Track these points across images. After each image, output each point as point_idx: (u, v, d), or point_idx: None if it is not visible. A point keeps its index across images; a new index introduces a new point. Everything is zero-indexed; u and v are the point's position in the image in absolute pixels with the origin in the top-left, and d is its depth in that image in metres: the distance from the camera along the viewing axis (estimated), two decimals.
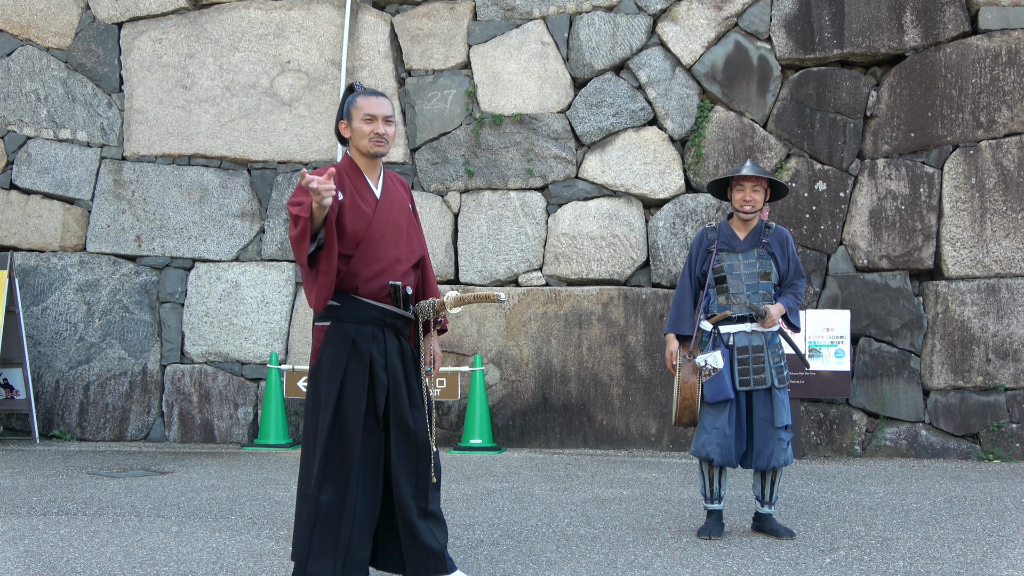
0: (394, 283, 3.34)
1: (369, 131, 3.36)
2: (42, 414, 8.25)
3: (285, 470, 6.52)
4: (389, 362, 3.33)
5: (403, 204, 3.51)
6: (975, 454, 7.29)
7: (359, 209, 3.32)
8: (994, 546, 4.32)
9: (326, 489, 3.20)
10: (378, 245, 3.33)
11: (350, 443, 3.22)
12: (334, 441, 3.22)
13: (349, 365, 3.26)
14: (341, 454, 3.22)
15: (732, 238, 4.62)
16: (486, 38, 8.20)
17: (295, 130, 8.33)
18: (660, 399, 7.65)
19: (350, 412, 3.24)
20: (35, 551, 4.13)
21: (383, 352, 3.32)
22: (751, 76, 7.84)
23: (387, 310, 3.35)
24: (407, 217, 3.50)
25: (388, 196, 3.45)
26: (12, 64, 8.63)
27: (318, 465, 3.20)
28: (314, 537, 3.18)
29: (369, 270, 3.31)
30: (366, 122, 3.37)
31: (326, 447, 3.20)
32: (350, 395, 3.25)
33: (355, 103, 3.39)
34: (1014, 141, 7.49)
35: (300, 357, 8.12)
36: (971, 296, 7.41)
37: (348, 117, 3.40)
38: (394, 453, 3.31)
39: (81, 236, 8.47)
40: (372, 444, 3.28)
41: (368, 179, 3.41)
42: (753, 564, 3.97)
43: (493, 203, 8.07)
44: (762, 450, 4.42)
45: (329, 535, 3.18)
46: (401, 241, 3.42)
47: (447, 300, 3.40)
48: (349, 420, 3.23)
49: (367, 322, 3.31)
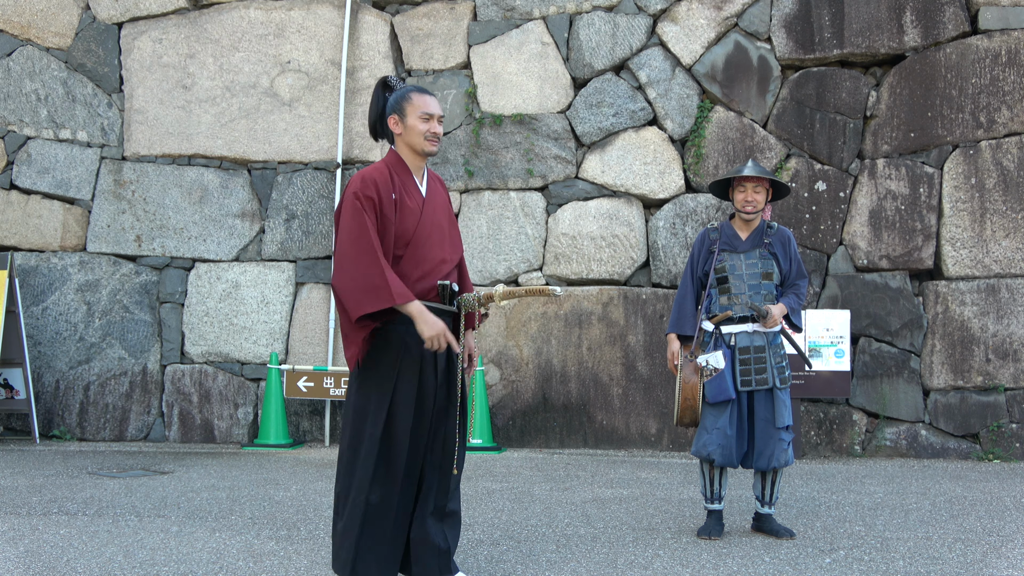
0: (442, 282, 3.32)
1: (425, 129, 3.31)
2: (42, 414, 8.25)
3: (285, 470, 6.52)
4: (438, 361, 3.33)
5: (445, 204, 3.48)
6: (975, 454, 7.29)
7: (408, 208, 3.28)
8: (994, 546, 4.32)
9: (375, 489, 3.20)
10: (425, 246, 3.30)
11: (400, 445, 3.23)
12: (385, 443, 3.22)
13: (402, 368, 3.24)
14: (390, 455, 3.22)
15: (734, 238, 4.61)
16: (486, 38, 8.20)
17: (295, 130, 8.32)
18: (660, 399, 7.65)
19: (400, 414, 3.24)
20: (35, 551, 4.13)
21: (433, 351, 3.30)
22: (751, 76, 7.84)
23: (435, 308, 3.31)
24: (449, 217, 3.47)
25: (432, 196, 3.41)
26: (12, 64, 8.63)
27: (371, 466, 3.19)
28: (362, 538, 3.18)
29: (418, 271, 3.27)
30: (423, 120, 3.32)
31: (379, 449, 3.20)
32: (402, 398, 3.24)
33: (410, 100, 3.32)
34: (1014, 141, 7.49)
35: (300, 357, 8.12)
36: (971, 296, 7.41)
37: (401, 113, 3.32)
38: (426, 448, 3.33)
39: (81, 236, 8.47)
40: (417, 446, 3.29)
41: (415, 177, 3.37)
42: (753, 564, 3.97)
43: (493, 203, 8.07)
44: (763, 450, 4.42)
45: (378, 535, 3.19)
46: (445, 242, 3.39)
47: (496, 293, 3.36)
48: (399, 422, 3.23)
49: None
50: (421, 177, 3.40)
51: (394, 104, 3.35)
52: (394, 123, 3.34)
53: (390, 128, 3.36)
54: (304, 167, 8.32)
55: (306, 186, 8.28)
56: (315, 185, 8.27)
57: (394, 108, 3.35)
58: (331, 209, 8.20)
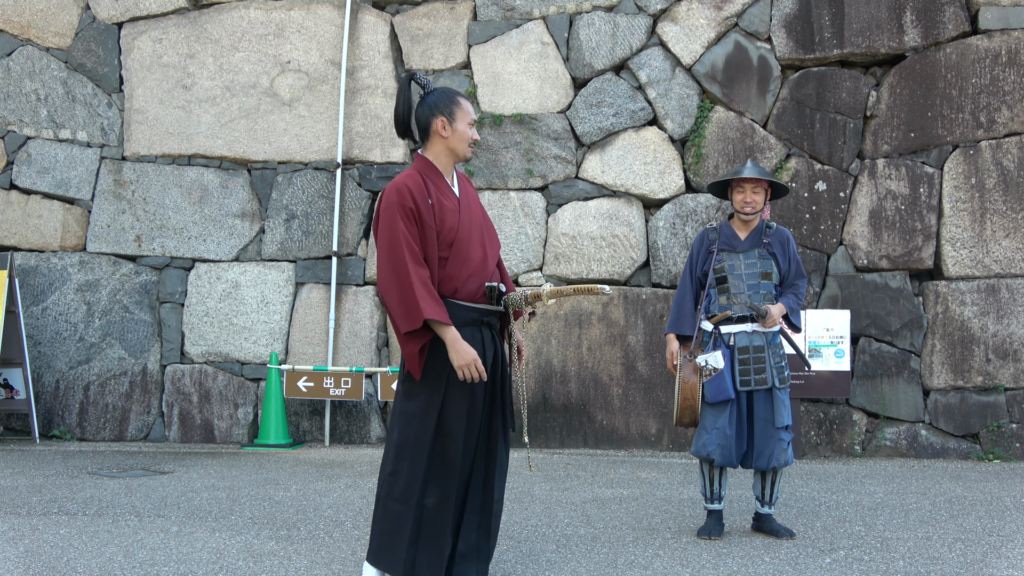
0: (490, 284, 3.33)
1: (470, 136, 3.34)
2: (42, 414, 8.25)
3: (285, 470, 6.52)
4: (487, 362, 3.33)
5: (477, 201, 3.49)
6: (975, 454, 7.29)
7: (446, 210, 3.28)
8: (994, 546, 4.32)
9: (431, 492, 3.22)
10: (467, 245, 3.30)
11: (455, 447, 3.24)
12: (439, 444, 3.23)
13: (452, 370, 3.24)
14: (444, 458, 3.24)
15: (733, 238, 4.62)
16: (486, 38, 8.20)
17: (295, 130, 8.32)
18: (660, 399, 7.65)
19: (453, 417, 3.25)
20: (35, 551, 4.13)
21: (482, 352, 3.31)
22: (751, 76, 7.84)
23: (484, 309, 3.33)
24: (483, 214, 3.49)
25: (465, 195, 3.42)
26: (12, 64, 8.63)
27: (423, 469, 3.20)
28: (420, 541, 3.20)
29: (464, 271, 3.28)
30: (470, 127, 3.34)
31: (431, 451, 3.22)
32: (453, 401, 3.25)
33: (460, 105, 3.32)
34: (1014, 141, 7.49)
35: (300, 357, 8.12)
36: (971, 296, 7.41)
37: (451, 117, 3.31)
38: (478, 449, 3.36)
39: (81, 236, 8.47)
40: (470, 446, 3.31)
41: (447, 179, 3.37)
42: (753, 564, 3.97)
43: (493, 203, 8.07)
44: (762, 450, 4.42)
45: (435, 538, 3.21)
46: (484, 239, 3.40)
47: (544, 292, 3.37)
48: (452, 424, 3.24)
49: (467, 324, 3.29)
50: (452, 178, 3.41)
51: (441, 106, 3.32)
52: (442, 126, 3.31)
53: (435, 130, 3.32)
54: (304, 167, 8.32)
55: (306, 186, 8.28)
56: (315, 185, 8.27)
57: (441, 110, 3.31)
58: (331, 209, 8.20)
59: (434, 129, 3.32)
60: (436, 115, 3.31)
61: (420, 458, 3.21)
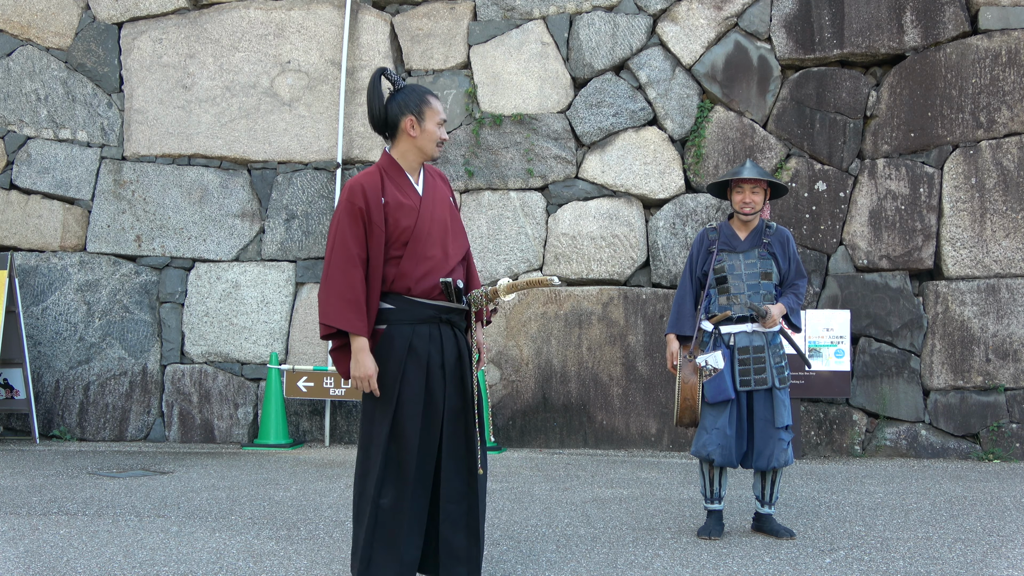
0: (444, 280, 3.29)
1: (438, 136, 3.31)
2: (42, 414, 8.25)
3: (285, 470, 6.53)
4: (446, 360, 3.30)
5: (445, 199, 3.44)
6: (975, 454, 7.29)
7: (404, 208, 3.25)
8: (994, 546, 4.33)
9: (386, 492, 3.20)
10: (426, 243, 3.27)
11: (409, 447, 3.21)
12: (393, 445, 3.21)
13: (407, 369, 3.23)
14: (400, 458, 3.21)
15: (733, 238, 4.62)
16: (486, 38, 8.20)
17: (295, 130, 8.33)
18: (660, 399, 7.65)
19: (408, 416, 3.22)
20: (35, 551, 4.13)
21: (440, 350, 3.29)
22: (751, 76, 7.84)
23: (442, 306, 3.31)
24: (451, 212, 3.43)
25: (430, 192, 3.38)
26: (12, 64, 8.63)
27: (378, 469, 3.19)
28: (375, 541, 3.18)
29: (419, 269, 3.25)
30: (439, 126, 3.31)
31: (386, 451, 3.20)
32: (409, 399, 3.23)
33: (429, 104, 3.29)
34: (1014, 141, 7.49)
35: (300, 357, 8.12)
36: (971, 296, 7.41)
37: (420, 116, 3.28)
38: (444, 450, 3.30)
39: (81, 236, 8.47)
40: (429, 446, 3.27)
41: (410, 177, 3.34)
42: (753, 564, 3.97)
43: (493, 203, 8.07)
44: (762, 450, 4.42)
45: (390, 538, 3.19)
46: (448, 237, 3.36)
47: (499, 287, 3.35)
48: (408, 424, 3.22)
49: (423, 321, 3.27)
50: (417, 176, 3.38)
51: (411, 105, 3.29)
52: (410, 125, 3.27)
53: (404, 129, 3.29)
54: (304, 167, 8.32)
55: (306, 186, 8.28)
56: (315, 185, 8.27)
57: (410, 109, 3.28)
58: (331, 209, 8.20)
59: (402, 127, 3.29)
60: (405, 114, 3.28)
61: (377, 458, 3.20)
